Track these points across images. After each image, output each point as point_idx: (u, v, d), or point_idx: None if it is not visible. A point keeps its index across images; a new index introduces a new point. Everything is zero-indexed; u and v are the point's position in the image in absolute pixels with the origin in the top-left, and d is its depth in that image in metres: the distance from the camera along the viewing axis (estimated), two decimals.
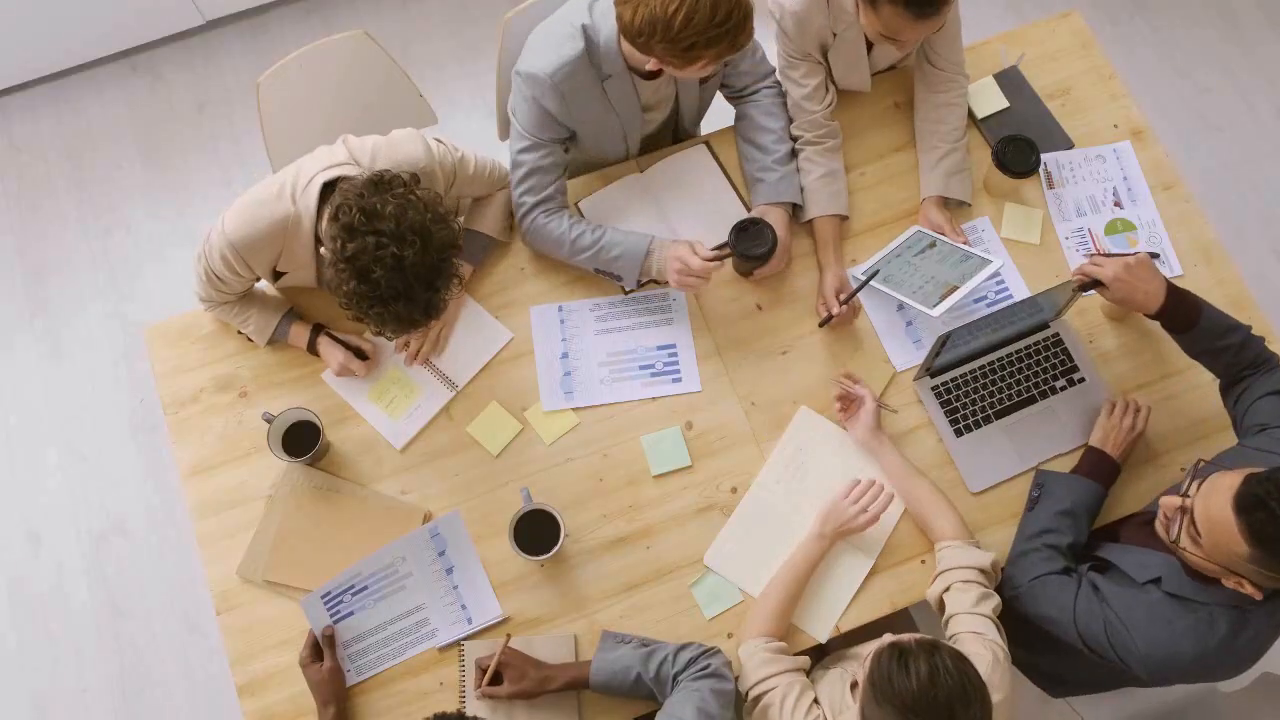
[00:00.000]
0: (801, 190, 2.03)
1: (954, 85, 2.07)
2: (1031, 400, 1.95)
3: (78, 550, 2.71)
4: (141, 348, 2.83)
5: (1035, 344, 1.98)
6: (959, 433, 1.94)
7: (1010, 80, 2.19)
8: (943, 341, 1.81)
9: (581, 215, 2.07)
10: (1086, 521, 1.80)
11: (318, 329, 1.94)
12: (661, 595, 1.85)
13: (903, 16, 1.73)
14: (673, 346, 2.00)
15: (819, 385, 1.98)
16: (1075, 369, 1.97)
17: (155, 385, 1.99)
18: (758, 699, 1.63)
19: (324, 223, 1.61)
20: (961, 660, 1.36)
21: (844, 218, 2.06)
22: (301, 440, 1.86)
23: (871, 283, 1.96)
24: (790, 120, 2.06)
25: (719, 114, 2.20)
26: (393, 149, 1.74)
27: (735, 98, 2.11)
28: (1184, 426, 1.94)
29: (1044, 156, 2.11)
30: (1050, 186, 2.12)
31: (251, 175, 3.06)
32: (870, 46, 2.05)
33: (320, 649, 1.75)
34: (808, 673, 1.68)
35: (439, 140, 1.84)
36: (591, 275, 2.02)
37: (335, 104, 2.13)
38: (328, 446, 1.91)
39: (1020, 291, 2.04)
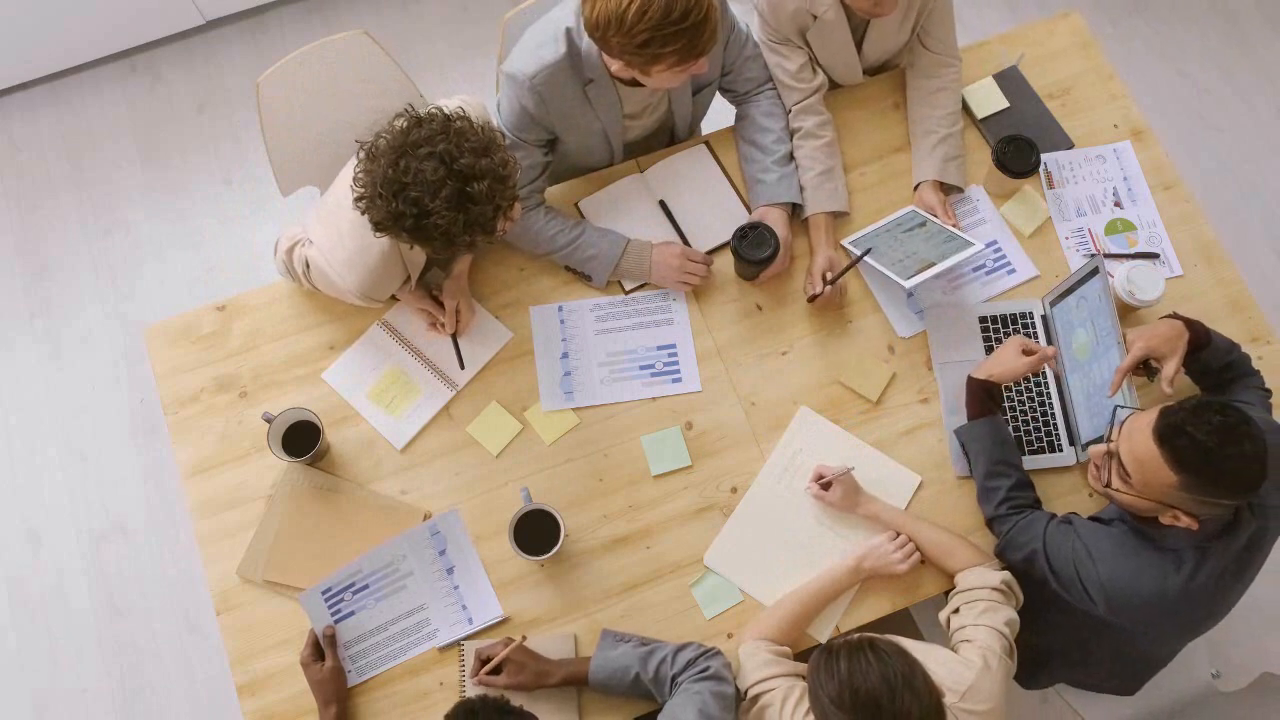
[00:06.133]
0: (801, 189, 2.03)
1: (946, 69, 2.08)
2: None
3: (78, 550, 2.71)
4: (141, 348, 2.83)
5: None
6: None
7: (1010, 80, 2.19)
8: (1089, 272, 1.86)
9: (582, 215, 2.07)
10: (1012, 452, 1.83)
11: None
12: (661, 595, 1.85)
13: None
14: (673, 346, 2.00)
15: (819, 385, 1.98)
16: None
17: (155, 385, 1.99)
18: (755, 698, 1.63)
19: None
20: (892, 656, 1.38)
21: (840, 214, 2.06)
22: (301, 440, 1.86)
23: (858, 252, 1.98)
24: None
25: (719, 114, 2.20)
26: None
27: (737, 101, 2.11)
28: None
29: (1044, 156, 2.11)
30: (1050, 186, 2.12)
31: (252, 175, 3.06)
32: (856, 37, 2.04)
33: (321, 649, 1.76)
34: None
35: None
36: None
37: (335, 104, 2.13)
38: (328, 446, 1.91)
39: (1022, 265, 2.04)
